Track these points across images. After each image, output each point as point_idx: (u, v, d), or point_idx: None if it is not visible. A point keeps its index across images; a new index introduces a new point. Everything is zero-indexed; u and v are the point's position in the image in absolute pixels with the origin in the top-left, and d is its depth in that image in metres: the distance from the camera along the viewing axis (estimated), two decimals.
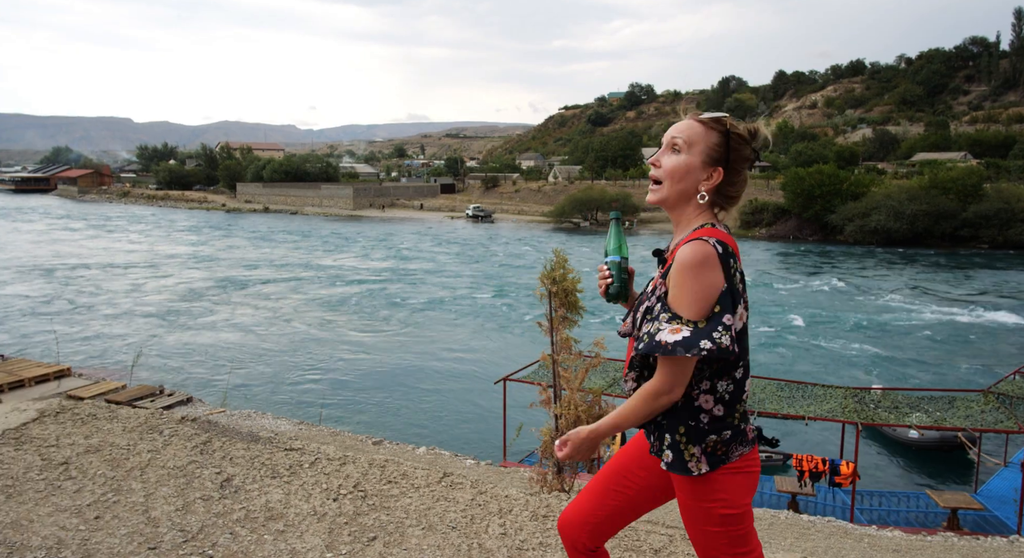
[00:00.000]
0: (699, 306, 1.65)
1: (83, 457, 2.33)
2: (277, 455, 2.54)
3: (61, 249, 46.31)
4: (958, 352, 23.60)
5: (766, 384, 14.51)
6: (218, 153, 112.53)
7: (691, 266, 1.66)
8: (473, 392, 19.28)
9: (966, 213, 48.81)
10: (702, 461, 1.74)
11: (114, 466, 2.30)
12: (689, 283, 1.66)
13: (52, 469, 2.23)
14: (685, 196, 1.80)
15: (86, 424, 2.57)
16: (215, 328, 25.34)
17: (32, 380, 16.70)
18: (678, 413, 1.77)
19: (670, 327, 1.66)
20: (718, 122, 1.79)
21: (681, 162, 1.78)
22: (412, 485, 2.46)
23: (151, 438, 2.53)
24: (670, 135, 1.81)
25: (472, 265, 41.24)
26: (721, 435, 1.75)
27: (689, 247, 1.68)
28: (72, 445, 2.39)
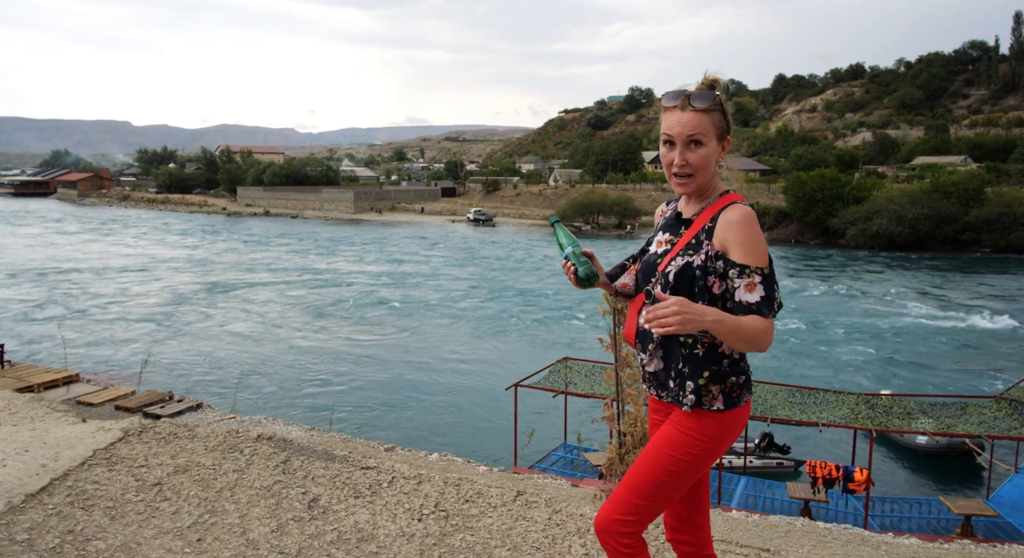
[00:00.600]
0: (762, 254, 1.86)
1: (174, 478, 2.36)
2: (356, 474, 2.58)
3: (62, 253, 46.30)
4: (964, 357, 23.64)
5: (778, 390, 14.49)
6: (218, 157, 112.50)
7: (747, 223, 1.86)
8: (478, 397, 19.30)
9: (968, 217, 48.90)
10: (718, 399, 1.92)
11: (205, 487, 2.33)
12: (751, 237, 1.85)
13: (147, 490, 2.26)
14: (711, 174, 1.97)
15: (169, 443, 2.60)
16: (218, 333, 25.35)
17: (41, 386, 16.71)
18: (702, 361, 1.93)
19: (744, 282, 1.84)
20: (715, 103, 1.93)
21: (707, 153, 1.93)
22: (489, 504, 2.50)
23: (233, 457, 2.56)
24: (686, 133, 1.93)
25: (474, 270, 41.27)
26: (739, 378, 1.94)
27: (738, 210, 1.90)
28: (161, 465, 2.42)
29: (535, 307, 30.29)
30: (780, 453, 16.24)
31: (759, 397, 14.13)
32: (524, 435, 14.02)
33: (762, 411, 13.37)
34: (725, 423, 1.94)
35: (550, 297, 32.36)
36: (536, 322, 27.64)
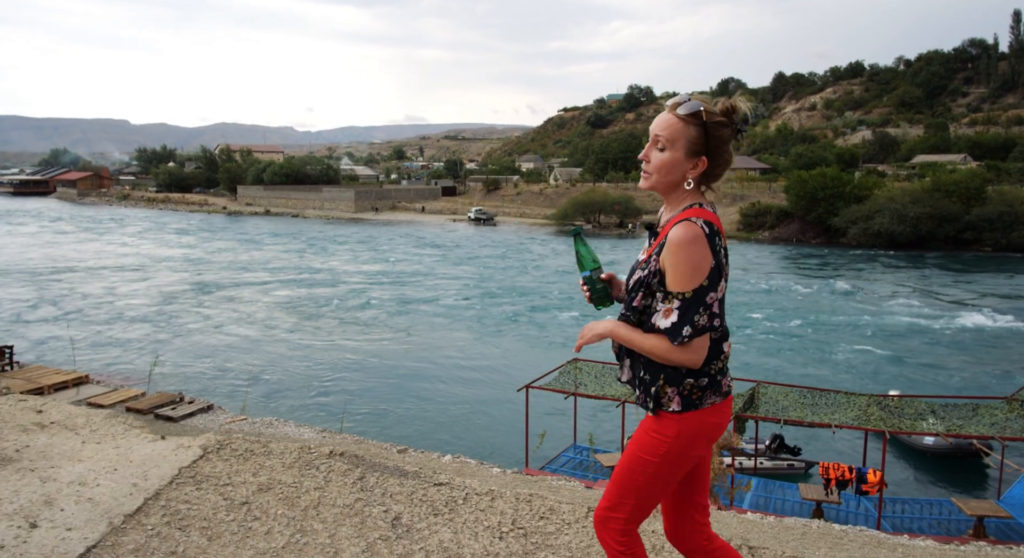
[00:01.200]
0: (689, 280, 1.84)
1: (259, 496, 2.39)
2: (431, 491, 2.61)
3: (64, 253, 46.27)
4: (970, 357, 23.69)
5: (788, 391, 14.51)
6: (218, 156, 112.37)
7: (682, 245, 1.84)
8: (485, 397, 19.34)
9: (969, 216, 48.94)
10: (674, 400, 1.94)
11: (290, 505, 2.36)
12: (681, 261, 1.84)
13: (236, 510, 2.29)
14: (673, 185, 1.96)
15: (248, 461, 2.63)
16: (223, 333, 25.37)
17: (51, 388, 16.70)
18: (659, 365, 1.95)
19: (664, 308, 1.88)
20: (695, 116, 1.91)
21: (666, 159, 1.92)
22: (563, 521, 2.53)
23: (312, 475, 2.59)
24: (653, 132, 1.96)
25: (476, 270, 41.28)
26: (698, 380, 1.94)
27: (679, 228, 1.86)
28: (245, 484, 2.45)
29: (539, 307, 30.32)
30: (791, 454, 16.28)
31: (770, 399, 14.15)
32: (533, 436, 14.09)
33: (774, 412, 13.41)
34: (686, 424, 1.95)
35: (553, 297, 32.40)
36: (540, 322, 27.69)
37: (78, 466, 2.39)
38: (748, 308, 30.13)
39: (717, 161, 1.96)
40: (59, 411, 2.79)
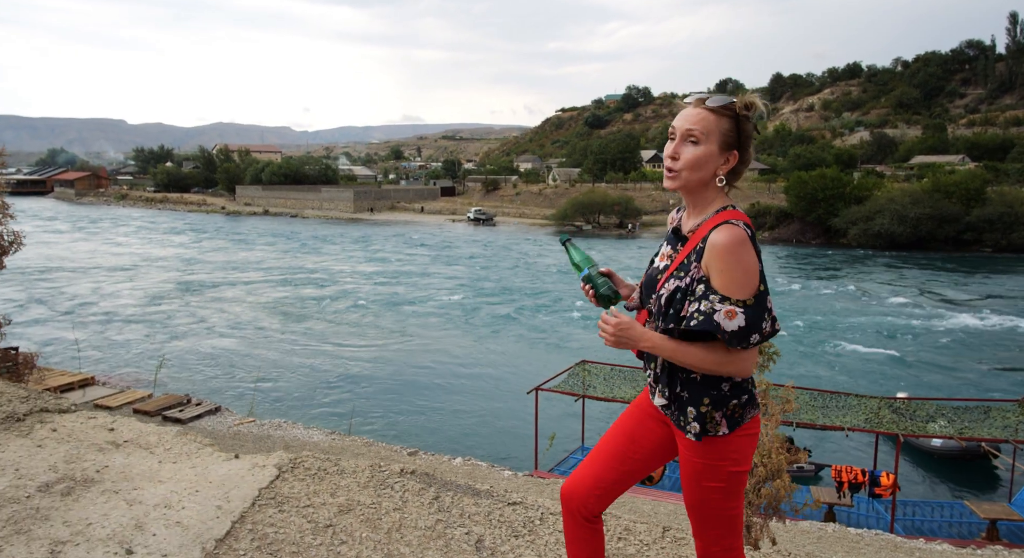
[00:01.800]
0: (746, 287, 1.77)
1: (341, 518, 2.37)
2: (506, 510, 2.59)
3: (62, 252, 46.15)
4: (974, 358, 23.73)
5: (799, 394, 14.42)
6: (216, 155, 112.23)
7: (732, 250, 1.77)
8: (489, 399, 19.32)
9: (969, 217, 49.09)
10: (722, 424, 1.89)
11: (373, 528, 2.34)
12: (733, 266, 1.77)
13: (322, 533, 2.27)
14: (703, 182, 1.88)
15: (323, 480, 2.60)
16: (226, 333, 25.31)
17: (57, 389, 16.62)
18: (701, 386, 1.89)
19: (725, 309, 1.77)
20: (727, 108, 1.86)
21: (701, 153, 1.85)
22: (641, 542, 2.51)
23: (388, 495, 2.57)
24: (685, 127, 1.86)
25: (477, 270, 41.27)
26: (740, 399, 1.90)
27: (724, 231, 1.80)
28: (325, 505, 2.42)
29: (540, 307, 30.33)
30: None
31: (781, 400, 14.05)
32: (541, 438, 14.07)
33: (785, 415, 13.30)
34: (736, 443, 1.91)
35: (553, 298, 32.40)
36: (540, 323, 27.68)
37: (160, 488, 2.36)
38: None
39: (744, 156, 1.91)
40: (130, 429, 2.76)
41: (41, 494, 2.25)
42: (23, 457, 2.44)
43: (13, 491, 2.25)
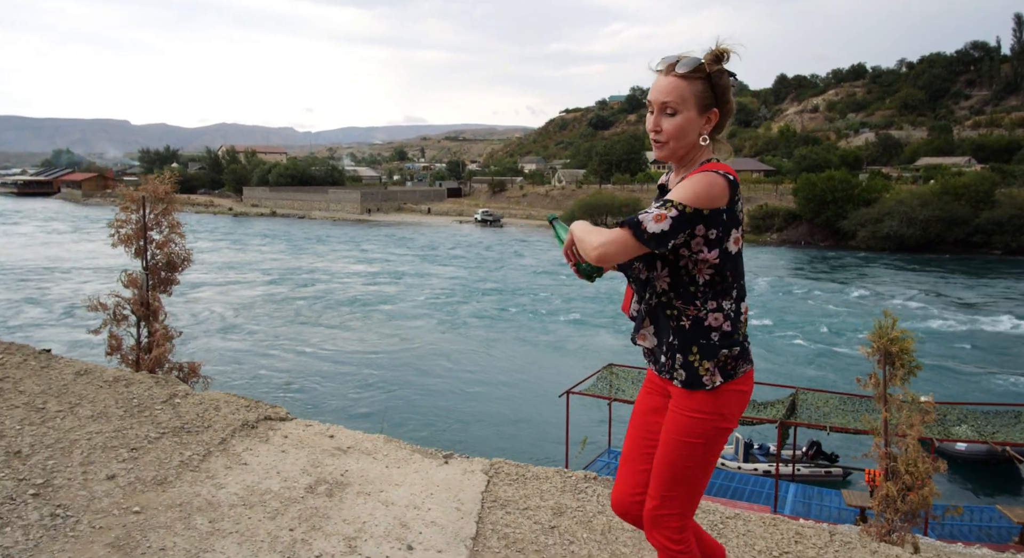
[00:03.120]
0: (689, 196, 1.77)
1: (559, 520, 2.60)
2: None
3: (72, 254, 46.37)
4: (991, 361, 23.85)
5: (828, 398, 14.56)
6: (222, 157, 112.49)
7: (698, 178, 1.80)
8: (517, 401, 19.50)
9: (978, 219, 49.22)
10: (716, 374, 1.89)
11: (589, 529, 2.57)
12: (689, 183, 1.80)
13: (549, 533, 2.49)
14: (690, 146, 1.90)
15: (525, 484, 2.81)
16: (249, 336, 25.48)
17: None
18: (690, 334, 1.90)
19: (656, 211, 1.77)
20: (698, 70, 1.86)
21: (680, 121, 1.86)
22: (815, 545, 2.76)
23: (586, 498, 2.81)
24: (660, 100, 1.87)
25: (492, 271, 41.50)
26: (732, 350, 1.91)
27: (698, 175, 1.82)
28: (539, 508, 2.66)
29: (556, 310, 30.55)
30: (828, 461, 16.44)
31: (811, 405, 14.27)
32: (576, 442, 14.30)
33: (816, 419, 13.48)
34: (725, 398, 1.91)
35: (569, 300, 32.61)
36: (560, 326, 27.91)
37: (400, 490, 2.60)
38: (767, 311, 30.38)
39: (724, 109, 1.91)
40: (345, 435, 3.01)
41: (311, 495, 2.50)
42: (276, 461, 2.69)
43: (288, 492, 2.49)
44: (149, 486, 2.42)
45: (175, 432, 2.78)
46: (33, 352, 3.13)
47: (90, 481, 2.39)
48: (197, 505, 2.35)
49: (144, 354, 5.82)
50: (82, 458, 2.50)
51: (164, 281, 6.32)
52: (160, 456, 2.60)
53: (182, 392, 3.06)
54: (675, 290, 1.90)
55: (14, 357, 3.07)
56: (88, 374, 3.04)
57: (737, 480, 15.06)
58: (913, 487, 3.81)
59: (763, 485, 14.75)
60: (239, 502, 2.41)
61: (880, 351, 5.28)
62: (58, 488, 2.31)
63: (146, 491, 2.39)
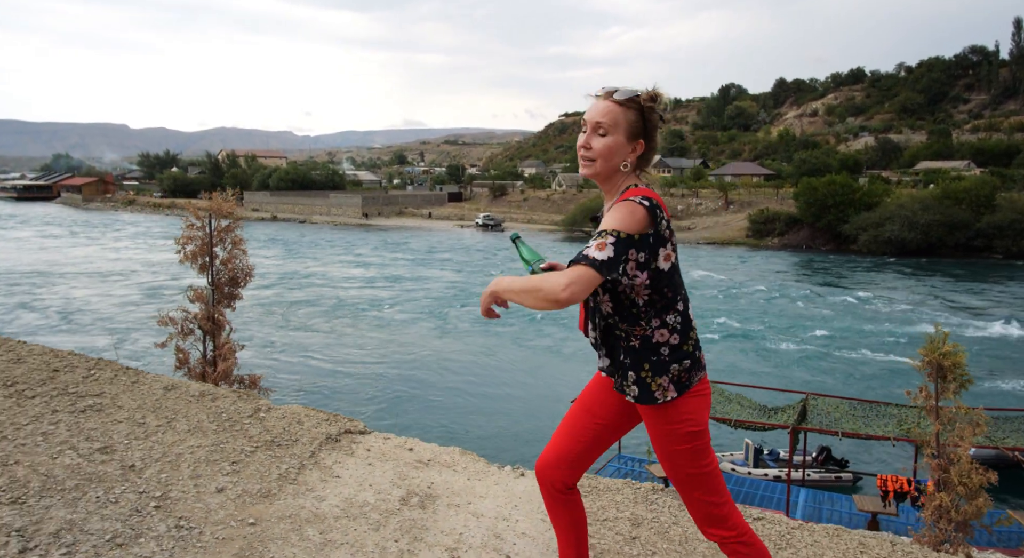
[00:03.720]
0: (621, 222, 1.85)
1: (638, 531, 2.73)
2: (755, 525, 2.99)
3: (98, 262, 46.48)
4: (1000, 367, 23.95)
5: (839, 403, 14.63)
6: (223, 161, 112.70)
7: (623, 205, 1.87)
8: (522, 405, 19.60)
9: (979, 223, 49.44)
10: (670, 389, 1.98)
11: (667, 539, 2.71)
12: (617, 211, 1.87)
13: (631, 543, 2.63)
14: (613, 169, 1.98)
15: (600, 496, 2.99)
16: (281, 344, 25.52)
17: None
18: (640, 352, 2.00)
19: (596, 242, 1.84)
20: (633, 101, 1.98)
21: (610, 143, 1.95)
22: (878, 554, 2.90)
23: (657, 508, 2.95)
24: (594, 119, 1.98)
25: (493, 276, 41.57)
26: (682, 364, 2.00)
27: (620, 204, 1.89)
28: (617, 519, 2.78)
29: (567, 315, 30.65)
30: (838, 467, 16.55)
31: (822, 411, 14.36)
32: None
33: (827, 424, 13.55)
34: (687, 404, 2.00)
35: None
36: (563, 330, 28.03)
37: (486, 502, 2.72)
38: (770, 316, 30.53)
39: (652, 145, 2.03)
40: (422, 448, 3.15)
41: (406, 507, 2.62)
42: (366, 474, 2.81)
43: (383, 504, 2.61)
44: (256, 498, 2.55)
45: (267, 445, 2.92)
46: (121, 368, 3.27)
47: (202, 494, 2.51)
48: (305, 517, 2.48)
49: (209, 367, 5.94)
50: (190, 471, 2.63)
51: (228, 296, 6.45)
52: (259, 469, 2.74)
53: (264, 406, 3.19)
54: (619, 313, 2.00)
55: (104, 372, 3.20)
56: (175, 389, 3.18)
57: (748, 485, 15.16)
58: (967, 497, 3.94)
59: (774, 490, 14.85)
60: (342, 514, 2.54)
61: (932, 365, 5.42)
62: (176, 501, 2.43)
63: (255, 503, 2.52)
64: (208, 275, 6.39)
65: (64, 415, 2.83)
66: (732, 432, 16.92)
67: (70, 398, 2.95)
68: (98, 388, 3.06)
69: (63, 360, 3.25)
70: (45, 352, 3.21)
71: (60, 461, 2.52)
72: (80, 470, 2.49)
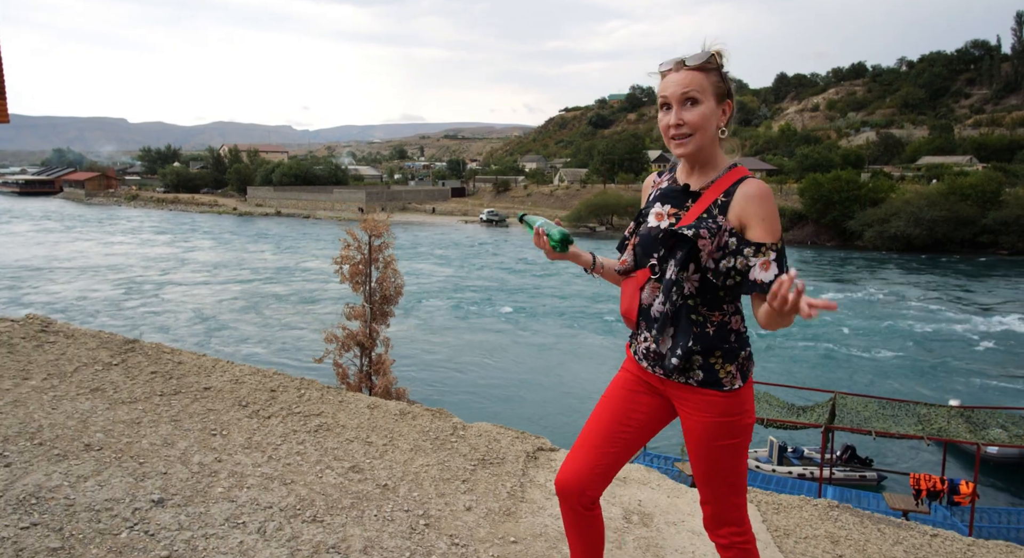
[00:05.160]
0: (778, 230, 1.81)
1: (839, 548, 2.94)
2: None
3: (108, 257, 46.54)
4: (1014, 363, 24.20)
5: (868, 402, 14.76)
6: (225, 156, 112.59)
7: (767, 198, 1.82)
8: (551, 405, 19.82)
9: (985, 220, 49.71)
10: (736, 377, 1.90)
11: (866, 555, 3.00)
12: (770, 212, 1.81)
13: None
14: (712, 138, 1.90)
15: (789, 514, 3.24)
16: (293, 338, 25.72)
17: None
18: (712, 338, 1.89)
19: (759, 261, 1.79)
20: (709, 61, 1.88)
21: (704, 111, 1.86)
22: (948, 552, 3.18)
23: (838, 523, 3.23)
24: (679, 91, 1.87)
25: (510, 276, 41.76)
26: (746, 350, 1.94)
27: (755, 183, 1.84)
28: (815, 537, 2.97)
29: (584, 312, 30.87)
30: (862, 465, 16.79)
31: (851, 409, 14.54)
32: None
33: (858, 423, 13.72)
34: (744, 394, 1.91)
35: (594, 301, 32.92)
36: (582, 325, 28.24)
37: (695, 520, 2.89)
38: None
39: (734, 105, 1.95)
40: None
41: (631, 525, 2.80)
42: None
43: (611, 522, 2.76)
44: (501, 516, 2.78)
45: (483, 464, 3.16)
46: (324, 387, 3.51)
47: (456, 512, 2.74)
48: (553, 535, 2.71)
49: (366, 381, 6.19)
50: (435, 490, 2.87)
51: (382, 313, 6.66)
52: (488, 487, 2.97)
53: (459, 424, 3.43)
54: (702, 295, 1.90)
55: (311, 391, 3.41)
56: (378, 408, 3.41)
57: (774, 483, 15.32)
58: None
59: (800, 488, 15.00)
60: None
61: None
62: (437, 519, 2.66)
63: (503, 521, 2.74)
64: (365, 294, 6.59)
65: (304, 435, 3.06)
66: (755, 429, 17.22)
67: (299, 418, 3.18)
68: (316, 408, 3.30)
69: (273, 379, 3.48)
70: (254, 372, 3.45)
71: (325, 480, 2.75)
72: (347, 489, 2.72)
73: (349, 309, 6.69)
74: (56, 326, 3.47)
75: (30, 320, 3.46)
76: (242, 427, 3.00)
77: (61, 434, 2.62)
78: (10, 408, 2.74)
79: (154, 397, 3.05)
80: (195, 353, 3.52)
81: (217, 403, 3.14)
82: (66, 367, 3.07)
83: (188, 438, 2.80)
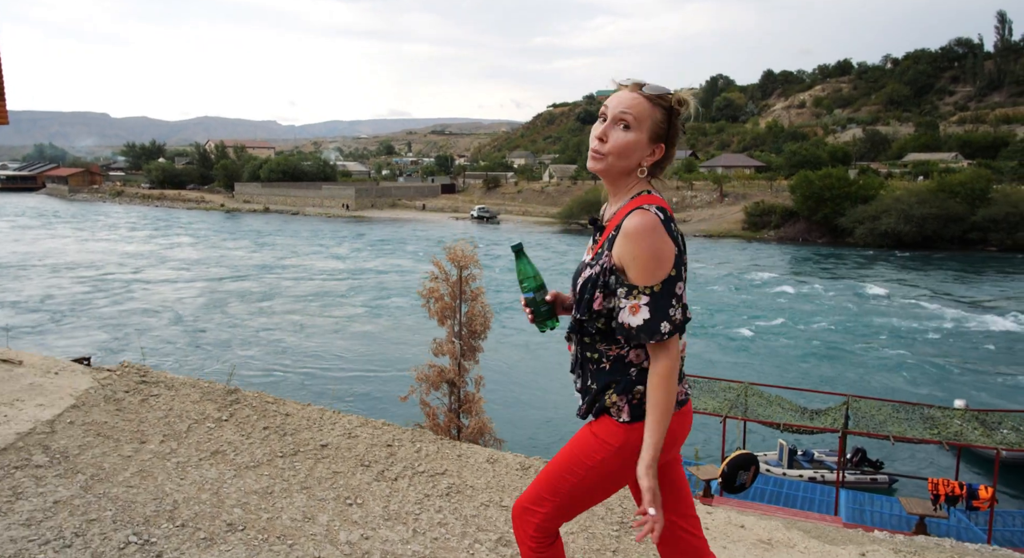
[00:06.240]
0: (656, 273, 1.69)
1: None
2: None
3: (90, 254, 46.00)
4: (1007, 361, 24.27)
5: (881, 406, 14.71)
6: (211, 151, 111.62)
7: (642, 234, 1.70)
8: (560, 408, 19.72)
9: (975, 216, 50.17)
10: (624, 410, 1.79)
11: None
12: (642, 252, 1.69)
13: None
14: (626, 170, 1.82)
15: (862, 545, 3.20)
16: (303, 338, 25.48)
17: None
18: (608, 374, 1.82)
19: (629, 304, 1.70)
20: (663, 98, 1.81)
21: (630, 139, 1.78)
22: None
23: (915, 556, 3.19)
24: (618, 110, 1.79)
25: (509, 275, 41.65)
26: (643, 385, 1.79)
27: (633, 217, 1.72)
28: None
29: None
30: (873, 468, 16.80)
31: (865, 413, 14.50)
32: None
33: (872, 427, 13.69)
34: (634, 435, 1.77)
35: None
36: None
37: None
38: (774, 311, 30.77)
39: (670, 152, 1.86)
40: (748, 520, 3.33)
41: None
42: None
43: None
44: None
45: (619, 524, 3.05)
46: (436, 438, 3.38)
47: None
48: None
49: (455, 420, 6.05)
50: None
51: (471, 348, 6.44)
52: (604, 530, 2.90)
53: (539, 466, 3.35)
54: (600, 334, 1.83)
55: (427, 445, 3.25)
56: (497, 462, 3.23)
57: (786, 486, 15.26)
58: None
59: (813, 491, 14.94)
60: None
61: None
62: None
63: None
64: (454, 329, 6.41)
65: (439, 501, 2.91)
66: (766, 432, 17.19)
67: (425, 478, 3.03)
68: (438, 465, 3.15)
69: (385, 432, 3.34)
70: (364, 423, 3.33)
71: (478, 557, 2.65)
72: None
73: (436, 344, 6.52)
74: (154, 376, 3.34)
75: (127, 369, 3.32)
76: (374, 493, 2.87)
77: (199, 512, 2.50)
78: (138, 480, 2.61)
79: (276, 459, 2.92)
80: (298, 403, 3.39)
81: (339, 464, 3.01)
82: (179, 426, 2.94)
83: (326, 510, 2.67)
